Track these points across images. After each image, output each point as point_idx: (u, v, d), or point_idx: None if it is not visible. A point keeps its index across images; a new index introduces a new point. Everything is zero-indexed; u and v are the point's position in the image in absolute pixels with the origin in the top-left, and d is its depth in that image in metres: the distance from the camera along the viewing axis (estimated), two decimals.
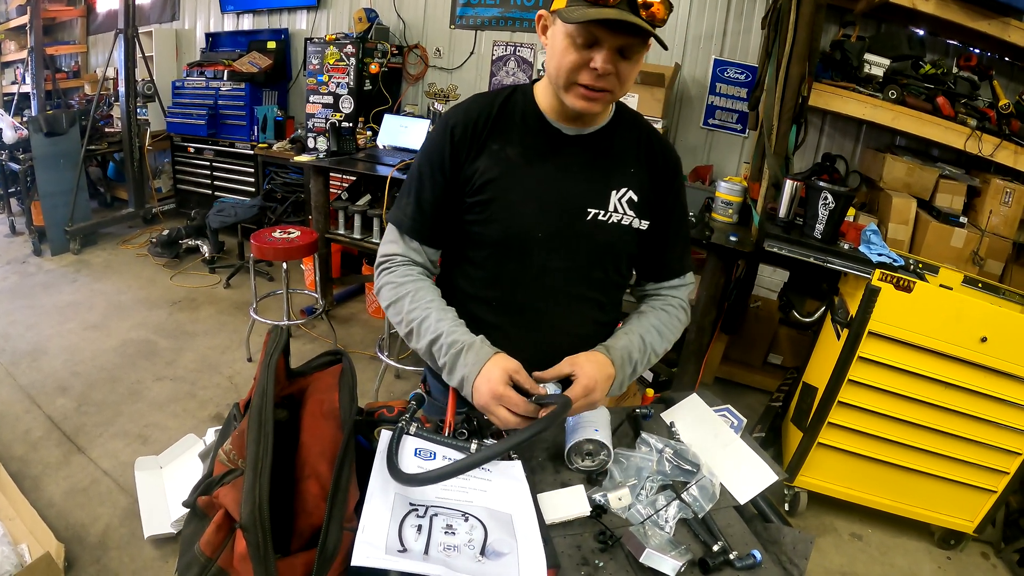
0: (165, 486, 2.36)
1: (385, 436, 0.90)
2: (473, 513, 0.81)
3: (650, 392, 2.71)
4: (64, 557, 2.00)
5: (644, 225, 1.19)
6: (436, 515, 0.78)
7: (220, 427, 1.35)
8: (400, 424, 0.92)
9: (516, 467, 0.96)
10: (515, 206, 1.13)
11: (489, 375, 0.99)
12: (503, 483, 0.90)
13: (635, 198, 1.18)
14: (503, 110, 1.17)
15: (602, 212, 1.15)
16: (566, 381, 1.03)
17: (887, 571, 2.43)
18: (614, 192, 1.16)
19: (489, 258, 1.18)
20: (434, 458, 0.90)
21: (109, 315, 3.88)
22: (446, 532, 0.76)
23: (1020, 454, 2.31)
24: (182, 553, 0.78)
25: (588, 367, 1.04)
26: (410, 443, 0.91)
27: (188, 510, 0.82)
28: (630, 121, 1.22)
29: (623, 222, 1.17)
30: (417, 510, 0.77)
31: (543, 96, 1.16)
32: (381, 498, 0.78)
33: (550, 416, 0.92)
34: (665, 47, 1.05)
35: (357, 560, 0.69)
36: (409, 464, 0.86)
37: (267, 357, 0.84)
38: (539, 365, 1.06)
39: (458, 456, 0.92)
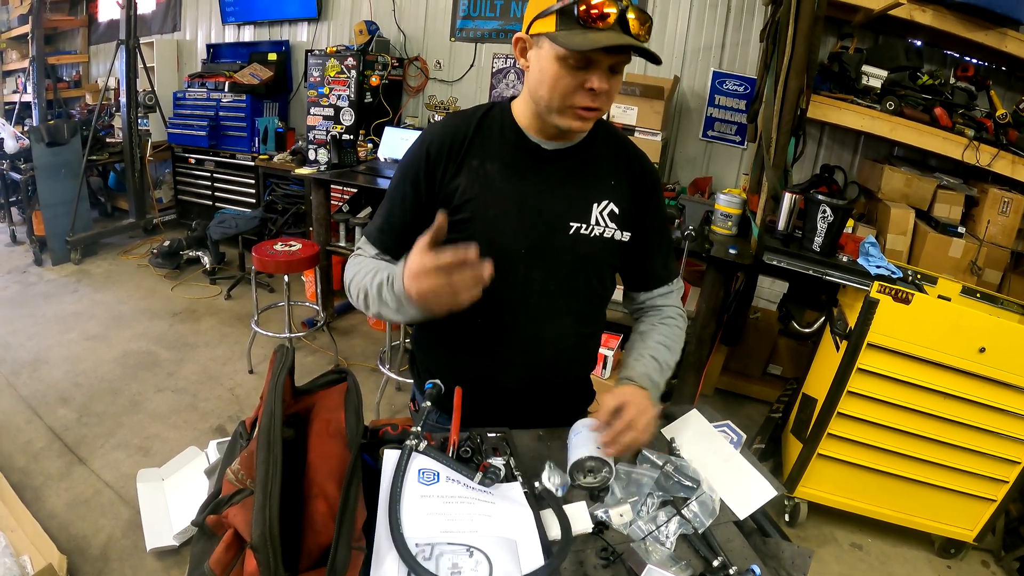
0: (167, 498, 2.36)
1: (389, 458, 0.90)
2: (478, 546, 0.81)
3: None
4: (66, 569, 2.00)
5: (626, 237, 1.20)
6: (442, 555, 0.78)
7: (222, 439, 1.38)
8: (408, 445, 0.92)
9: (515, 489, 0.97)
10: (496, 223, 1.13)
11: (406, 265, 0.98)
12: (506, 507, 0.91)
13: (616, 210, 1.18)
14: (480, 126, 1.16)
15: (584, 226, 1.15)
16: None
17: None
18: (595, 205, 1.16)
19: None
20: (437, 480, 0.90)
21: (110, 325, 3.89)
22: (452, 572, 0.77)
23: (1019, 463, 2.32)
24: (191, 571, 0.79)
25: (630, 395, 1.07)
26: (414, 464, 0.91)
27: (196, 528, 0.82)
28: (605, 133, 1.22)
29: (605, 235, 1.17)
30: (423, 551, 0.78)
31: (522, 113, 1.16)
32: (388, 543, 0.78)
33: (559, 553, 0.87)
34: (660, 62, 1.05)
35: None
36: (412, 491, 0.86)
37: (274, 377, 0.85)
38: (524, 380, 1.07)
39: (460, 479, 0.92)
